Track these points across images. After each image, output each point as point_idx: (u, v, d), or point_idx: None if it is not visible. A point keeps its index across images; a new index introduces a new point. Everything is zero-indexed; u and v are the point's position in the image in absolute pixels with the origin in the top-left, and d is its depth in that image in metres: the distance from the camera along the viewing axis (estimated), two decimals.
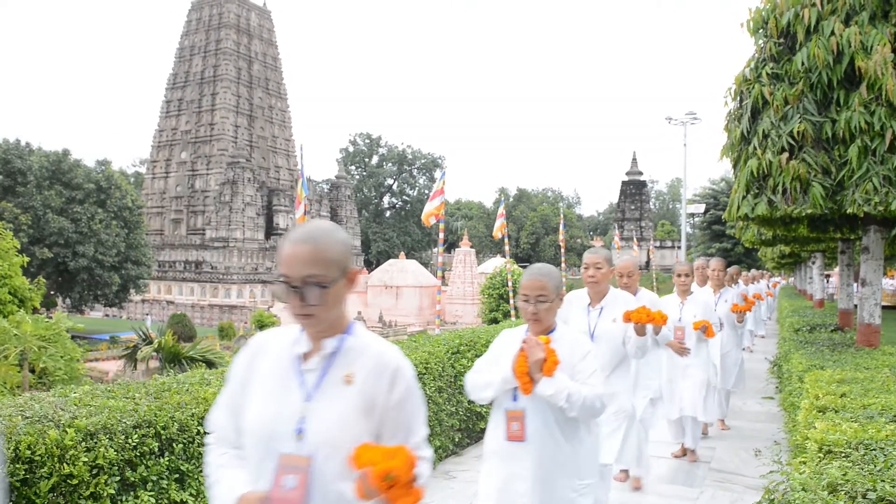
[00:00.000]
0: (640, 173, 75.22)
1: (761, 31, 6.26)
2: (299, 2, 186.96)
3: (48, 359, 16.13)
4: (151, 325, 25.74)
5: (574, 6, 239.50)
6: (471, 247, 53.39)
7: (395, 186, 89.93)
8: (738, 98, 6.46)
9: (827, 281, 26.02)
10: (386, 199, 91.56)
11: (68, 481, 2.84)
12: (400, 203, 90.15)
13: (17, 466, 2.70)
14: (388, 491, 1.55)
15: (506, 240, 12.10)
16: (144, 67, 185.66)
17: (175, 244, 63.19)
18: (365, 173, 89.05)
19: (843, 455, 2.89)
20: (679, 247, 53.02)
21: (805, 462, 3.01)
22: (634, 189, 73.81)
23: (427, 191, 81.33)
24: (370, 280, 49.32)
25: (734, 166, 6.64)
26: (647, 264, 63.26)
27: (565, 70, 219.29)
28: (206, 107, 65.16)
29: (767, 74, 5.95)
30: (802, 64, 5.64)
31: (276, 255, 1.84)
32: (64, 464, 2.82)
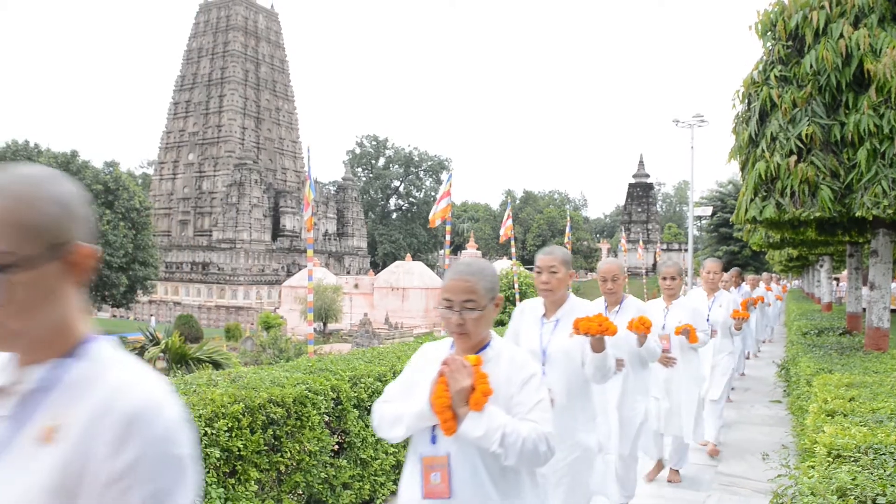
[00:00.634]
0: (647, 176, 75.14)
1: (769, 34, 6.24)
2: (307, 4, 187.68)
3: None
4: (157, 326, 25.80)
5: (581, 9, 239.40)
6: (477, 249, 53.39)
7: (402, 188, 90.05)
8: (746, 100, 6.44)
9: (836, 284, 25.91)
10: (392, 201, 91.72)
11: None
12: (406, 205, 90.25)
13: None
14: None
15: (512, 242, 12.10)
16: (152, 69, 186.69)
17: (182, 245, 63.45)
18: (371, 175, 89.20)
19: (853, 459, 2.87)
20: (686, 249, 52.91)
21: (814, 466, 2.99)
22: (641, 191, 73.70)
23: (434, 193, 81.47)
24: (376, 282, 49.36)
25: (742, 169, 6.62)
26: (654, 267, 63.17)
27: (572, 72, 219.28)
28: (214, 109, 65.46)
29: (776, 77, 5.94)
30: (811, 66, 5.62)
31: None
32: None
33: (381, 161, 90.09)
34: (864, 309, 8.05)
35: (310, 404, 4.03)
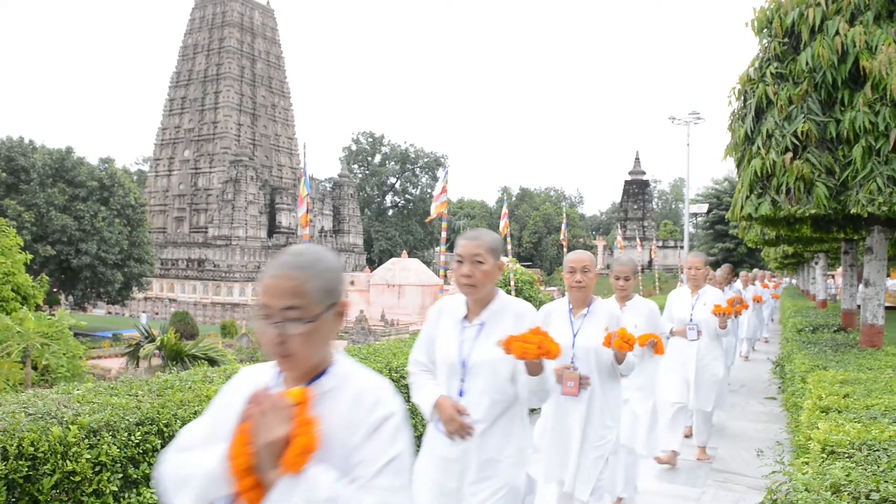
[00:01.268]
0: (643, 173, 75.18)
1: (766, 31, 6.24)
2: (303, 1, 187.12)
3: (51, 356, 16.17)
4: (149, 323, 25.74)
5: (577, 5, 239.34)
6: None
7: (398, 185, 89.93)
8: (742, 98, 6.45)
9: (832, 280, 25.98)
10: (388, 198, 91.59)
11: (71, 478, 2.84)
12: (402, 202, 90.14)
13: (21, 463, 2.70)
14: None
15: (508, 239, 12.09)
16: (148, 66, 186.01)
17: (178, 242, 63.29)
18: (368, 172, 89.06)
19: (847, 455, 2.88)
20: (682, 246, 53.02)
21: (808, 462, 3.00)
22: (637, 188, 73.76)
23: (430, 190, 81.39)
24: (372, 279, 49.31)
25: (738, 166, 6.63)
26: (650, 264, 63.27)
27: (568, 69, 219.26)
28: (210, 105, 65.23)
29: (772, 74, 5.94)
30: (807, 63, 5.63)
31: None
32: (67, 461, 2.83)
33: (378, 158, 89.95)
34: (859, 306, 8.07)
35: None
